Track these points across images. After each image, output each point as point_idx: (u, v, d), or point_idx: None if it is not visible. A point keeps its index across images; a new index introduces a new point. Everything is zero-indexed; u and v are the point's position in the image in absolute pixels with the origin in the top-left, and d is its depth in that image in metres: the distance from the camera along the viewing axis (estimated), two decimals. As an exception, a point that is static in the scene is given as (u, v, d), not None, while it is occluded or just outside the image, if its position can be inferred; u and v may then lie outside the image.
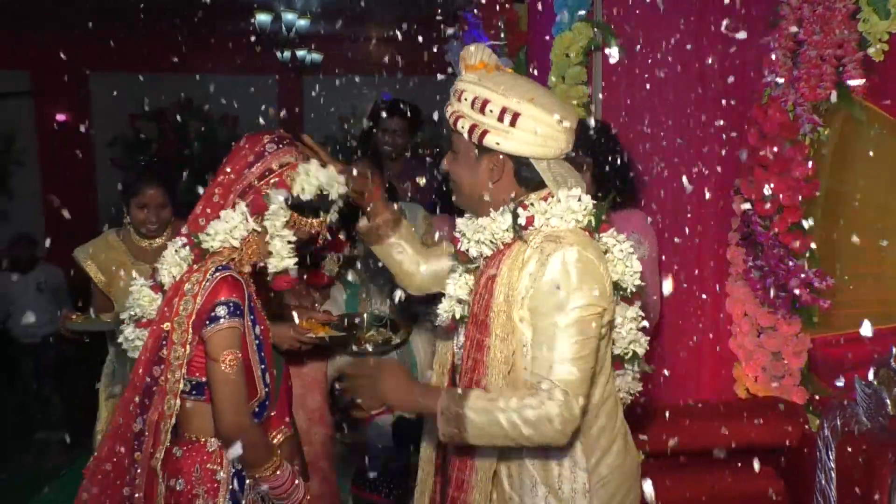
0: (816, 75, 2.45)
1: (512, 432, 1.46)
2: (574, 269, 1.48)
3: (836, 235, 2.58)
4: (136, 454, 1.76)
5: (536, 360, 1.49)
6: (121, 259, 2.86)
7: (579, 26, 2.91)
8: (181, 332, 1.71)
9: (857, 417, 2.17)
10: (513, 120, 1.53)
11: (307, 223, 1.82)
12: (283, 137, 1.82)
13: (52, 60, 7.59)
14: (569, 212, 1.55)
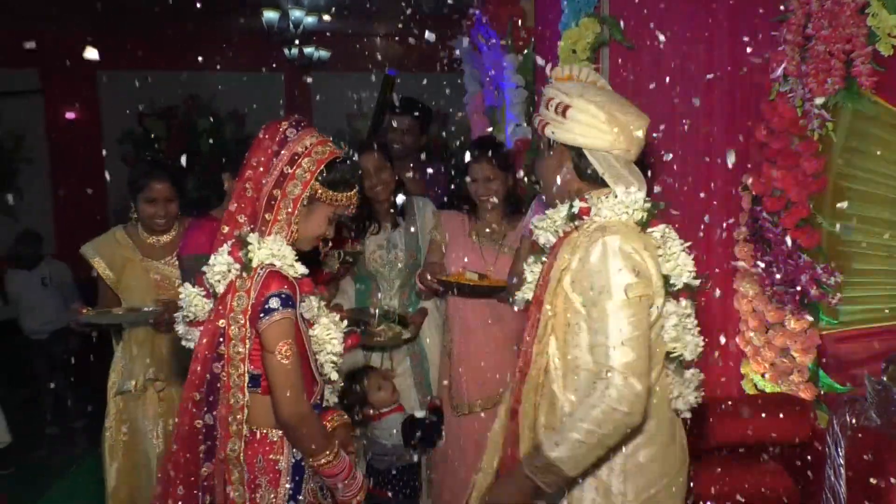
0: (825, 70, 2.43)
1: (594, 440, 1.54)
2: (614, 256, 1.59)
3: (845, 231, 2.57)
4: (202, 447, 1.81)
5: (595, 349, 1.60)
6: (128, 255, 2.89)
7: (586, 22, 2.90)
8: (238, 328, 1.76)
9: (866, 413, 2.16)
10: (563, 111, 1.69)
11: (342, 197, 1.86)
12: (299, 121, 1.87)
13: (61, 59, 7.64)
14: (620, 205, 1.66)
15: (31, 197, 7.84)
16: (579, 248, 1.65)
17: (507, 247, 2.89)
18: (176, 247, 2.88)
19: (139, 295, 2.89)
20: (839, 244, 2.59)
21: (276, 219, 1.80)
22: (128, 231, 2.96)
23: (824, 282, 2.55)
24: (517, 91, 3.62)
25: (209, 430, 1.80)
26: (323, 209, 1.86)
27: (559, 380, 1.68)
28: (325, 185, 1.82)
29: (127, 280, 2.90)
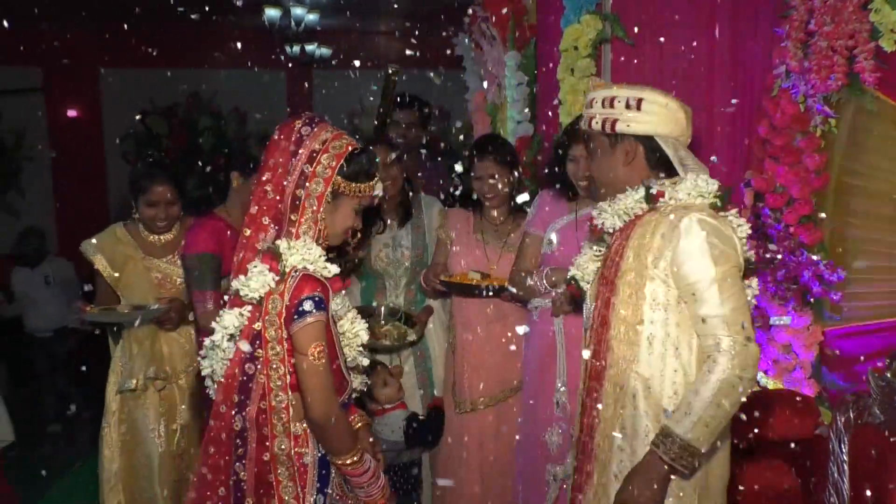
0: (827, 66, 2.43)
1: (724, 412, 1.61)
2: (709, 231, 1.66)
3: (847, 227, 2.56)
4: (240, 450, 1.83)
5: (707, 321, 1.65)
6: (129, 253, 2.86)
7: (588, 19, 2.90)
8: (275, 330, 1.78)
9: (869, 410, 2.15)
10: (637, 104, 1.77)
11: (365, 187, 1.88)
12: (312, 118, 1.88)
13: (63, 57, 7.64)
14: (695, 189, 1.73)
15: (33, 195, 7.85)
16: (660, 227, 1.71)
17: (511, 245, 2.89)
18: (177, 245, 2.88)
19: (140, 293, 2.85)
20: (842, 240, 2.58)
21: (301, 219, 1.82)
22: (128, 228, 2.93)
23: (827, 278, 2.54)
24: (518, 88, 3.61)
25: (241, 433, 1.82)
26: (347, 202, 1.88)
27: (651, 359, 1.71)
28: (347, 178, 1.84)
29: (127, 278, 2.87)
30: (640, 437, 1.71)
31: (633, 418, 1.72)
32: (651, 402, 1.71)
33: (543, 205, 2.74)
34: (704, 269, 1.65)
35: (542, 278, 2.60)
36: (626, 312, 1.73)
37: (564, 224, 2.66)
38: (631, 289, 1.73)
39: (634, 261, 1.73)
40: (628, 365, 1.72)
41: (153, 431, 2.86)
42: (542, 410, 2.63)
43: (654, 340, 1.71)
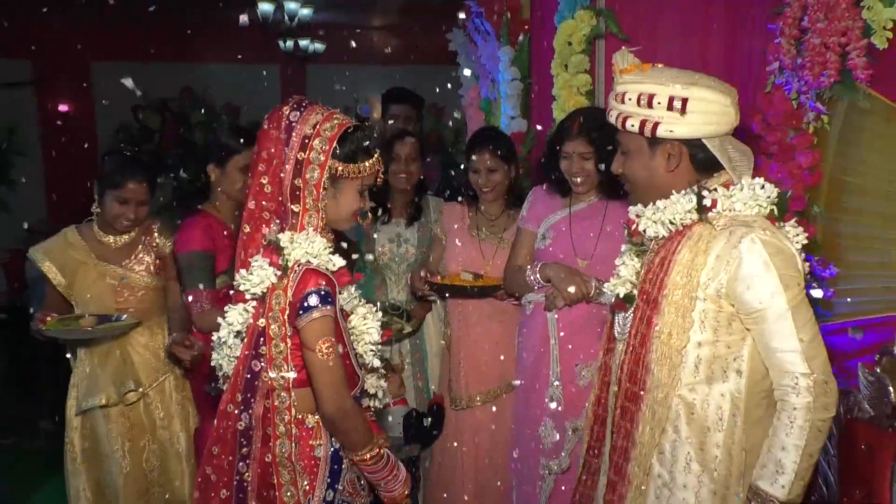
0: (820, 63, 2.43)
1: (812, 459, 1.53)
2: (775, 252, 1.53)
3: (840, 223, 2.58)
4: (244, 450, 1.78)
5: (778, 356, 1.54)
6: (81, 259, 2.67)
7: (581, 14, 2.90)
8: (278, 328, 1.72)
9: (860, 405, 2.17)
10: (682, 106, 1.59)
11: (366, 167, 1.79)
12: (300, 101, 1.80)
13: (54, 50, 7.60)
14: (753, 198, 1.59)
15: (24, 190, 7.80)
16: (714, 244, 1.57)
17: (507, 241, 2.89)
18: (135, 248, 2.73)
19: (95, 302, 2.66)
20: (834, 237, 2.59)
21: (304, 209, 1.75)
22: (81, 231, 2.73)
23: (819, 274, 2.55)
24: (512, 83, 3.61)
25: (245, 431, 1.78)
26: (349, 185, 1.79)
27: (696, 383, 1.59)
28: (344, 160, 1.75)
29: (80, 285, 2.67)
30: (679, 463, 1.61)
31: (674, 444, 1.62)
32: (694, 427, 1.60)
33: (537, 200, 2.75)
34: (771, 297, 1.52)
35: (535, 273, 2.60)
36: (671, 335, 1.59)
37: (558, 220, 2.67)
38: (678, 310, 1.59)
39: (682, 279, 1.58)
40: (670, 390, 1.60)
41: (116, 452, 2.67)
42: (536, 405, 2.63)
43: (700, 364, 1.59)
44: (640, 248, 1.74)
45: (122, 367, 2.67)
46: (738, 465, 1.59)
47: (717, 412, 1.59)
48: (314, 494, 1.77)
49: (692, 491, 1.60)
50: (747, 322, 1.57)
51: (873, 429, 2.11)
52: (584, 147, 2.51)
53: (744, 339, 1.60)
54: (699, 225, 1.61)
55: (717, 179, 1.66)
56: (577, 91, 3.06)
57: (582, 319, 2.55)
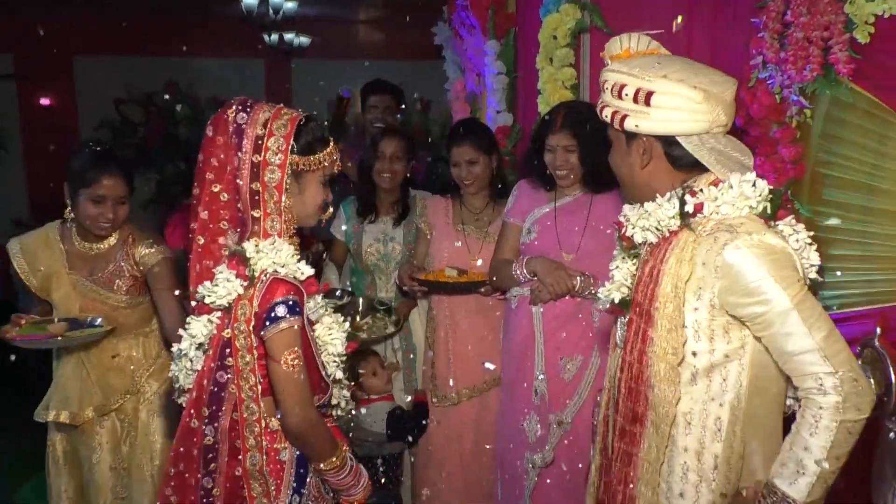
0: (803, 57, 2.44)
1: (838, 463, 1.41)
2: (765, 254, 1.42)
3: (822, 217, 2.59)
4: (211, 465, 1.72)
5: (793, 363, 1.43)
6: (55, 266, 2.46)
7: (567, 8, 2.90)
8: (244, 338, 1.66)
9: (841, 397, 2.18)
10: (646, 99, 1.49)
11: (325, 156, 1.74)
12: (244, 101, 1.72)
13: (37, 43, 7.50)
14: (741, 198, 1.48)
15: (6, 184, 7.73)
16: (699, 252, 1.47)
17: (492, 234, 2.89)
18: (111, 259, 2.47)
19: (65, 313, 2.46)
20: (816, 230, 2.60)
21: (266, 213, 1.69)
22: (62, 231, 2.49)
23: (801, 268, 2.57)
24: (498, 77, 3.61)
25: (212, 446, 1.72)
26: (312, 178, 1.74)
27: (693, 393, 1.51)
28: (302, 153, 1.71)
29: (52, 292, 2.48)
30: (676, 473, 1.54)
31: (671, 454, 1.55)
32: (692, 438, 1.52)
33: (522, 194, 2.75)
34: (772, 299, 1.41)
35: (521, 267, 2.60)
36: (666, 350, 1.51)
37: (543, 214, 2.67)
38: (671, 323, 1.49)
39: (672, 291, 1.49)
40: (670, 406, 1.51)
41: (95, 455, 2.52)
42: (521, 399, 2.64)
43: (697, 375, 1.51)
44: (633, 252, 1.66)
45: (83, 383, 2.50)
46: (736, 472, 1.53)
47: (715, 423, 1.52)
48: (280, 499, 1.73)
49: (690, 500, 1.54)
50: (755, 330, 1.47)
51: (854, 420, 2.12)
52: (568, 140, 2.51)
53: (742, 347, 1.50)
54: (684, 231, 1.51)
55: (705, 178, 1.55)
56: (562, 85, 3.06)
57: (567, 313, 2.56)
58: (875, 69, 2.33)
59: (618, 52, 1.64)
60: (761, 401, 1.54)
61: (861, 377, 1.41)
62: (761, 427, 1.55)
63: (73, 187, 2.39)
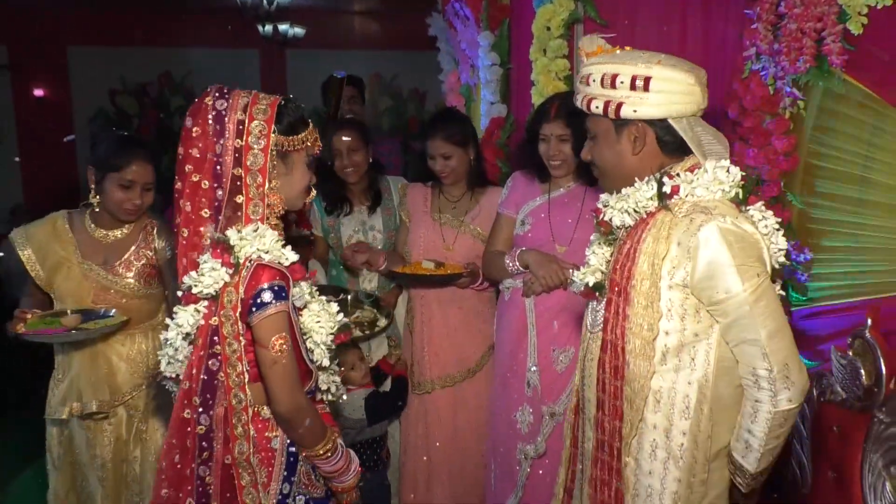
0: (797, 48, 2.44)
1: (779, 440, 1.57)
2: (735, 241, 1.50)
3: (814, 208, 2.60)
4: (205, 454, 1.72)
5: (742, 346, 1.54)
6: (64, 254, 2.43)
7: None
8: (231, 325, 1.66)
9: (832, 388, 2.19)
10: (645, 84, 1.55)
11: (308, 135, 1.75)
12: (220, 89, 1.72)
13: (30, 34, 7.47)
14: (715, 182, 1.55)
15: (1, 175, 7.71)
16: (675, 232, 1.53)
17: (468, 224, 2.88)
18: (127, 248, 2.46)
19: (72, 302, 2.42)
20: (809, 222, 2.62)
21: (248, 198, 1.68)
22: (71, 220, 2.46)
23: (794, 259, 2.58)
24: (492, 69, 3.60)
25: (206, 434, 1.72)
26: (298, 158, 1.74)
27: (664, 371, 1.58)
28: (286, 133, 1.71)
29: (60, 283, 2.43)
30: (645, 450, 1.62)
31: (642, 431, 1.62)
32: (661, 416, 1.60)
33: (516, 186, 2.74)
34: (731, 288, 1.49)
35: (513, 260, 2.60)
36: (642, 325, 1.57)
37: (537, 206, 2.67)
38: (647, 300, 1.56)
39: (649, 269, 1.56)
40: (645, 381, 1.59)
41: (96, 461, 2.48)
42: (514, 390, 2.65)
43: (667, 352, 1.58)
44: (610, 238, 1.72)
45: (97, 374, 2.46)
46: (703, 451, 1.60)
47: (684, 400, 1.59)
48: (271, 487, 1.74)
49: (658, 477, 1.61)
50: (712, 312, 1.55)
51: (845, 411, 2.14)
52: (562, 129, 2.50)
53: (711, 327, 1.58)
54: (661, 212, 1.58)
55: (683, 164, 1.62)
56: (556, 76, 3.05)
57: (559, 305, 2.56)
58: (868, 60, 2.33)
59: (592, 50, 1.70)
60: (728, 380, 1.60)
61: (795, 373, 1.53)
62: (727, 408, 1.62)
63: (100, 172, 2.38)
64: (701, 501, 1.63)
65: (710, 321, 1.58)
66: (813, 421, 2.26)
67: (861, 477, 2.01)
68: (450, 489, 2.94)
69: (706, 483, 1.62)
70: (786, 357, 1.53)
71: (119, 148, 2.39)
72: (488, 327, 2.90)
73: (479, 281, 2.84)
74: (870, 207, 2.43)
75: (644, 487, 1.63)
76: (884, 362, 1.99)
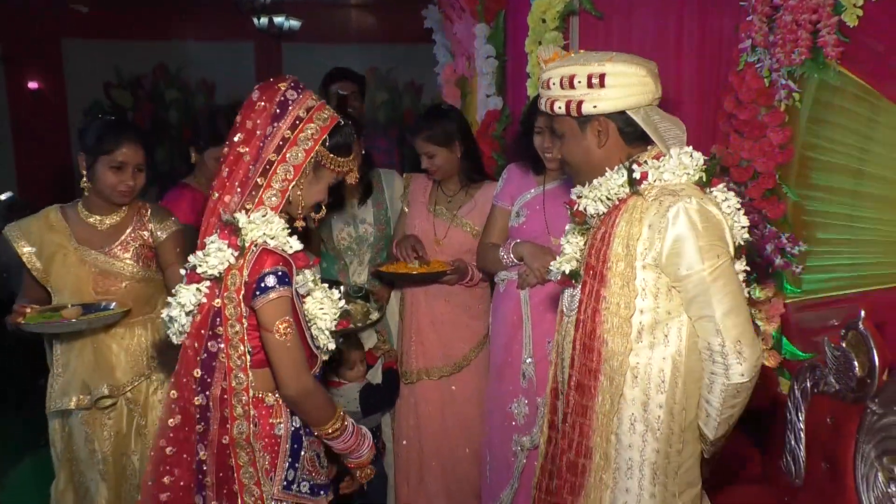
0: (792, 40, 2.44)
1: (735, 409, 1.67)
2: (700, 221, 1.59)
3: (809, 201, 2.60)
4: (199, 426, 1.77)
5: (700, 322, 1.64)
6: (61, 242, 2.42)
7: (556, -9, 2.88)
8: (234, 307, 1.70)
9: (825, 379, 2.20)
10: (601, 81, 1.66)
11: (346, 163, 1.83)
12: (298, 83, 1.80)
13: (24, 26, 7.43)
14: (681, 167, 1.66)
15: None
16: (646, 215, 1.63)
17: (460, 219, 2.88)
18: (122, 232, 2.46)
19: (73, 291, 2.42)
20: (804, 214, 2.62)
21: (269, 184, 1.73)
22: (64, 212, 2.47)
23: (789, 251, 2.58)
24: (488, 61, 3.59)
25: (203, 411, 1.76)
26: (326, 175, 1.82)
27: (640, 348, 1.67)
28: (331, 150, 1.79)
29: (58, 272, 2.43)
30: (624, 425, 1.69)
31: (620, 407, 1.69)
32: (638, 390, 1.68)
33: (511, 178, 2.74)
34: (694, 266, 1.60)
35: (508, 252, 2.61)
36: (619, 304, 1.66)
37: (532, 198, 2.67)
38: (622, 279, 1.66)
39: (623, 250, 1.65)
40: (624, 358, 1.67)
41: (95, 456, 2.47)
42: (509, 382, 2.65)
43: (643, 330, 1.67)
44: (584, 227, 1.82)
45: (97, 366, 2.46)
46: (679, 422, 1.69)
47: (659, 375, 1.68)
48: (276, 473, 1.77)
49: (637, 450, 1.69)
50: (677, 289, 1.65)
51: (838, 402, 2.14)
52: None
53: (682, 305, 1.67)
54: (633, 197, 1.68)
55: (649, 153, 1.72)
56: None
57: (554, 297, 2.55)
58: (863, 52, 2.33)
59: (549, 57, 1.82)
60: (698, 356, 1.69)
61: (747, 348, 1.62)
62: (698, 381, 1.70)
63: (90, 156, 2.38)
64: (677, 471, 1.71)
65: (681, 299, 1.67)
66: (806, 412, 2.27)
67: (854, 468, 2.02)
68: (442, 482, 2.94)
69: (681, 453, 1.71)
70: (739, 334, 1.61)
71: (108, 131, 2.39)
72: (478, 323, 2.90)
73: (467, 277, 2.84)
74: (865, 199, 2.44)
75: (625, 461, 1.71)
76: (877, 354, 1.99)
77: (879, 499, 1.92)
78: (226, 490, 1.77)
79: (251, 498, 1.75)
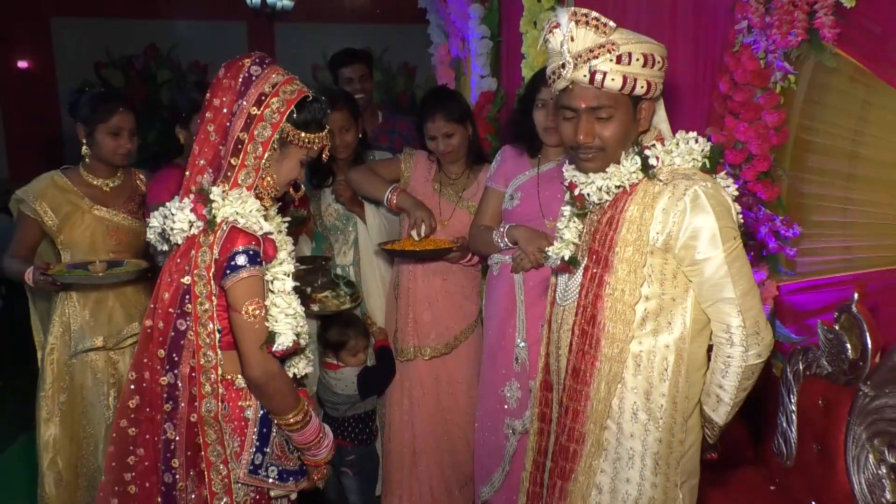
0: (788, 22, 2.42)
1: (745, 392, 1.65)
2: (717, 204, 1.58)
3: (804, 183, 2.60)
4: (167, 405, 1.75)
5: (717, 305, 1.61)
6: (75, 201, 2.63)
7: (552, -31, 2.85)
8: (203, 285, 1.68)
9: (818, 362, 2.21)
10: (663, 62, 1.64)
11: (315, 138, 1.79)
12: (263, 58, 1.76)
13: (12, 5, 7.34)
14: (689, 152, 1.64)
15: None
16: (659, 199, 1.60)
17: (465, 200, 2.87)
18: (125, 193, 2.72)
19: (86, 246, 2.63)
20: (798, 196, 2.61)
21: (242, 164, 1.71)
22: (68, 175, 2.67)
23: (783, 234, 2.58)
24: (482, 42, 3.56)
25: (171, 390, 1.74)
26: (295, 152, 1.78)
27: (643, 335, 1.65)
28: (297, 126, 1.74)
29: (71, 230, 2.62)
30: (626, 413, 1.67)
31: (621, 395, 1.67)
32: (640, 378, 1.66)
33: (505, 160, 2.72)
34: (711, 249, 1.57)
35: (502, 236, 2.59)
36: (623, 291, 1.63)
37: (526, 180, 2.65)
38: (630, 266, 1.62)
39: (633, 235, 1.61)
40: (624, 345, 1.65)
41: (101, 401, 2.65)
42: (502, 365, 2.65)
43: (647, 317, 1.65)
44: (582, 212, 1.78)
45: (113, 313, 2.68)
46: (681, 412, 1.67)
47: (662, 363, 1.65)
48: (243, 457, 1.76)
49: (639, 439, 1.67)
50: (689, 273, 1.62)
51: (831, 385, 2.16)
52: None
53: (686, 291, 1.65)
54: (643, 182, 1.64)
55: (648, 137, 1.71)
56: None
57: (548, 281, 2.55)
58: (860, 34, 2.31)
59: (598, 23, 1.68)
60: (700, 342, 1.68)
61: (763, 329, 1.62)
62: (699, 368, 1.70)
63: (89, 125, 2.61)
64: (679, 460, 1.70)
65: (686, 284, 1.65)
66: (798, 394, 2.28)
67: (845, 449, 2.03)
68: (437, 465, 2.95)
69: (683, 443, 1.69)
70: (756, 315, 1.61)
71: (103, 101, 2.63)
72: (471, 304, 2.90)
73: (468, 256, 2.83)
74: (859, 182, 2.43)
75: (626, 450, 1.69)
76: (869, 336, 2.00)
77: (870, 480, 1.94)
78: (195, 470, 1.76)
79: (218, 476, 1.74)
